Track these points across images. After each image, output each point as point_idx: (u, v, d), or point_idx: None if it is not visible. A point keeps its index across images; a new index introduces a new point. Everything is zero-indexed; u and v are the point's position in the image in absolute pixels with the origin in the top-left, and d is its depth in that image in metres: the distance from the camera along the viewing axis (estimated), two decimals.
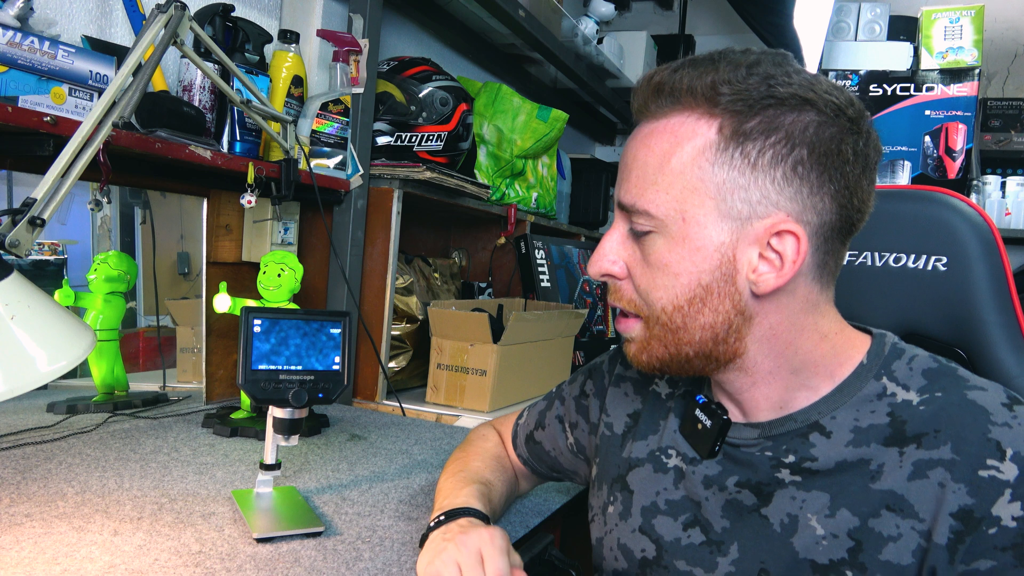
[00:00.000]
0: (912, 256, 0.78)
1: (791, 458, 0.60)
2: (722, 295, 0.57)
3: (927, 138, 2.15)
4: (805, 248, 0.56)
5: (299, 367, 0.78)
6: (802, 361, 0.60)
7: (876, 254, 0.80)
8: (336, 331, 0.80)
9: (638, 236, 0.60)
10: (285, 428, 0.80)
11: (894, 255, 0.79)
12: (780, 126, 0.55)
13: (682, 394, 0.72)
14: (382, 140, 1.45)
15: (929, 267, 0.77)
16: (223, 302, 1.14)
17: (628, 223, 0.61)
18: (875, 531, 0.54)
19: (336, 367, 0.80)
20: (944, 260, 0.76)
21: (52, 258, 1.18)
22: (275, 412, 0.80)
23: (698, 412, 0.67)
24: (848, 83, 2.24)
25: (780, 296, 0.58)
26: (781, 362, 0.60)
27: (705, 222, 0.56)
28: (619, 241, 0.62)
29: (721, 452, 0.64)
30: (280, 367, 0.77)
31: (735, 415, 0.65)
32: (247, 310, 0.76)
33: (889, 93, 2.20)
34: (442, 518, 0.69)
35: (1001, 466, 0.51)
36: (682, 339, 0.60)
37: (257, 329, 0.76)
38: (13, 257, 0.70)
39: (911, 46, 2.20)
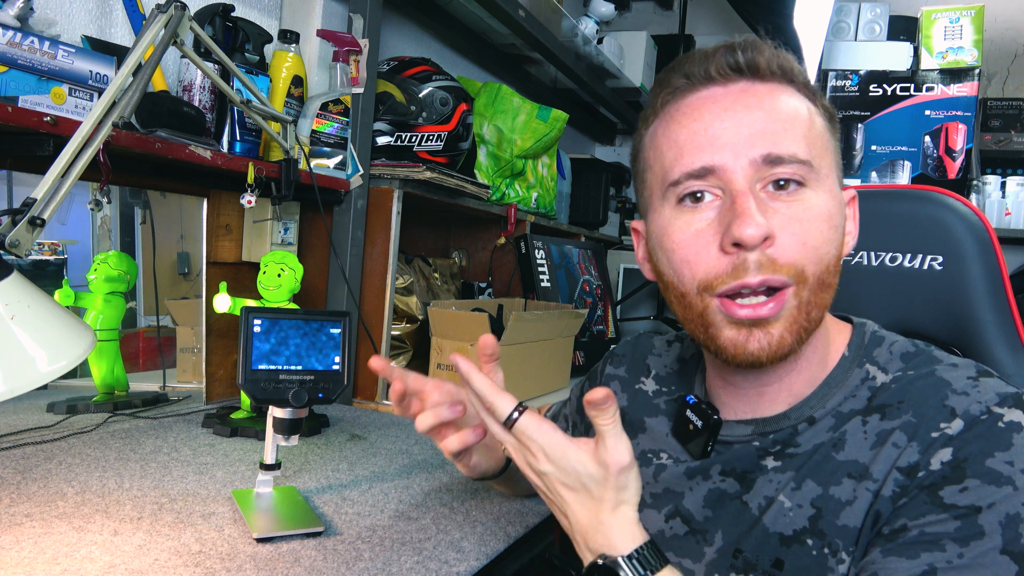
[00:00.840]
0: (908, 255, 0.78)
1: (777, 447, 0.60)
2: (840, 255, 0.58)
3: (927, 138, 2.15)
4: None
5: (299, 367, 0.78)
6: (816, 342, 0.60)
7: (872, 253, 0.80)
8: (336, 331, 0.80)
9: (783, 190, 0.55)
10: (285, 428, 0.80)
11: (890, 254, 0.79)
12: (834, 112, 0.61)
13: (674, 398, 0.72)
14: (382, 140, 1.45)
15: (925, 266, 0.77)
16: (223, 302, 1.15)
17: (762, 180, 0.55)
18: (835, 497, 0.55)
19: (336, 367, 0.80)
20: (940, 259, 0.76)
21: (52, 258, 1.18)
22: (275, 412, 0.80)
23: (688, 413, 0.66)
24: (848, 83, 2.24)
25: None
26: (815, 343, 0.60)
27: (834, 179, 0.58)
28: (757, 202, 0.54)
29: (713, 452, 0.64)
30: (280, 367, 0.77)
31: (728, 413, 0.65)
32: (247, 310, 0.76)
33: (889, 93, 2.20)
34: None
35: (951, 425, 0.52)
36: (826, 301, 0.57)
37: (257, 329, 0.77)
38: (13, 257, 0.70)
39: (911, 46, 2.20)
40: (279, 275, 1.14)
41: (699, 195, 0.56)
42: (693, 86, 0.58)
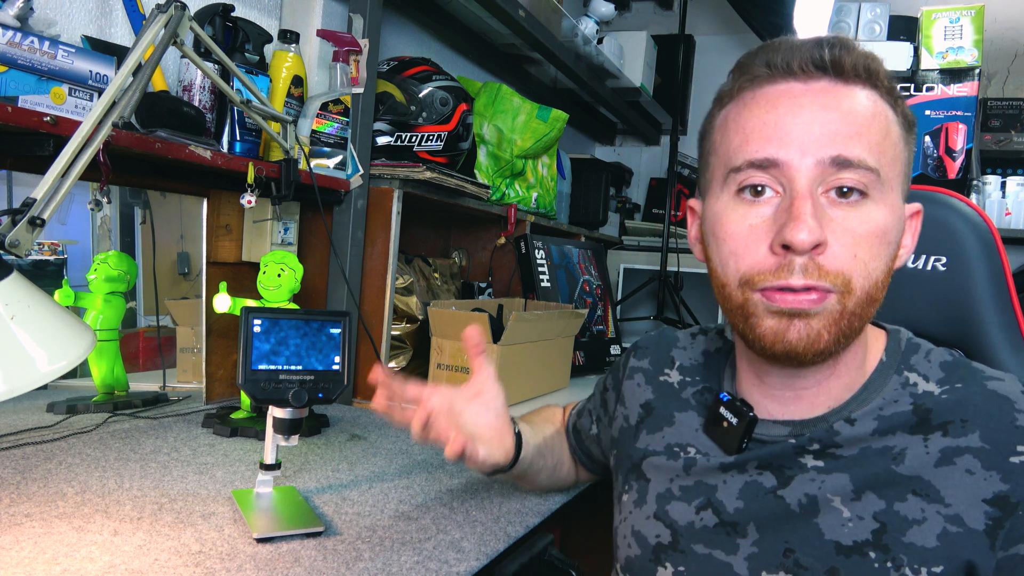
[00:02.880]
0: (912, 256, 0.78)
1: (815, 446, 0.60)
2: (892, 271, 0.58)
3: (927, 138, 2.15)
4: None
5: (299, 367, 0.78)
6: (856, 349, 0.61)
7: None
8: (336, 331, 0.80)
9: (844, 198, 0.54)
10: (285, 428, 0.80)
11: None
12: (914, 121, 0.59)
13: (701, 390, 0.71)
14: (382, 140, 1.45)
15: (929, 267, 0.77)
16: (223, 302, 1.14)
17: (826, 184, 0.54)
18: (900, 514, 0.55)
19: (336, 367, 0.80)
20: (944, 260, 0.76)
21: (52, 258, 1.18)
22: (275, 412, 0.80)
23: (722, 410, 0.66)
24: None
25: None
26: (855, 350, 0.61)
27: (899, 192, 0.57)
28: (815, 207, 0.54)
29: (748, 449, 0.64)
30: (280, 367, 0.77)
31: (761, 413, 0.64)
32: (247, 310, 0.76)
33: None
34: None
35: None
36: (869, 314, 0.57)
37: (257, 329, 0.76)
38: (13, 257, 0.70)
39: (911, 46, 2.19)
40: (279, 275, 1.14)
41: (760, 189, 0.56)
42: (773, 77, 0.57)
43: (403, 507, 0.87)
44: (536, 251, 1.90)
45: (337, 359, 0.80)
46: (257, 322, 0.76)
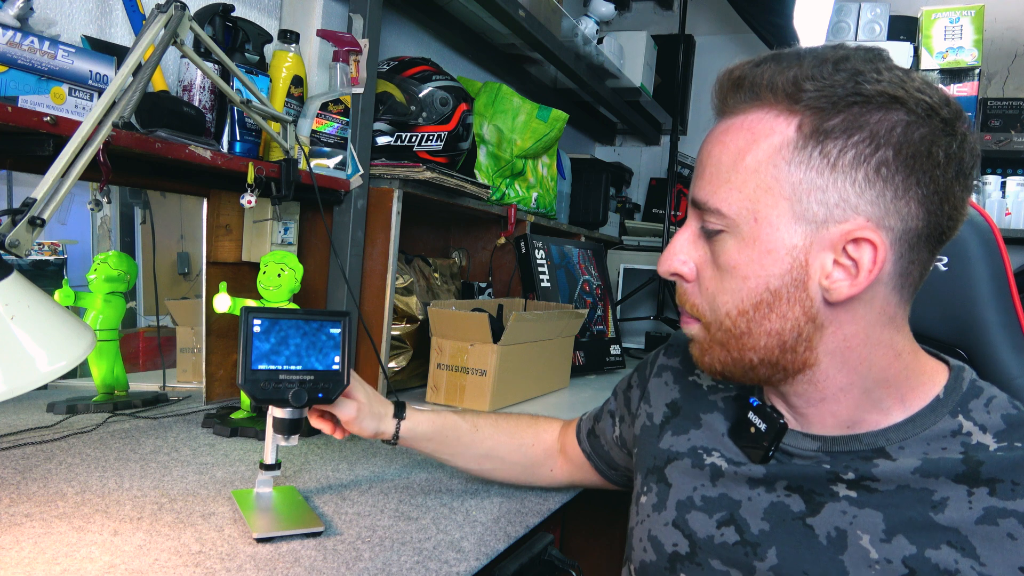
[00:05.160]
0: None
1: (851, 475, 0.58)
2: (791, 301, 0.55)
3: None
4: (883, 257, 0.53)
5: (299, 367, 0.78)
6: (875, 379, 0.58)
7: None
8: (336, 331, 0.80)
9: (709, 236, 0.58)
10: (285, 428, 0.80)
11: None
12: (864, 125, 0.52)
13: (734, 396, 0.70)
14: (382, 140, 1.44)
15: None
16: (223, 302, 1.14)
17: (700, 222, 0.59)
18: (931, 561, 0.53)
19: (336, 367, 0.79)
20: (944, 260, 0.76)
21: (52, 258, 1.18)
22: (275, 412, 0.80)
23: (751, 415, 0.64)
24: None
25: (856, 305, 0.55)
26: (855, 378, 0.58)
27: (778, 223, 0.54)
28: (691, 240, 0.60)
29: (774, 459, 0.62)
30: (280, 367, 0.77)
31: (792, 422, 0.63)
32: (247, 310, 0.76)
33: None
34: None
35: None
36: (745, 344, 0.57)
37: (257, 329, 0.76)
38: (13, 257, 0.70)
39: (911, 46, 2.19)
40: (279, 275, 1.14)
41: None
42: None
43: (403, 507, 0.86)
44: (536, 251, 1.90)
45: (337, 359, 0.80)
46: (257, 322, 0.76)
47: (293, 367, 0.77)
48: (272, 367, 0.77)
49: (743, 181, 0.55)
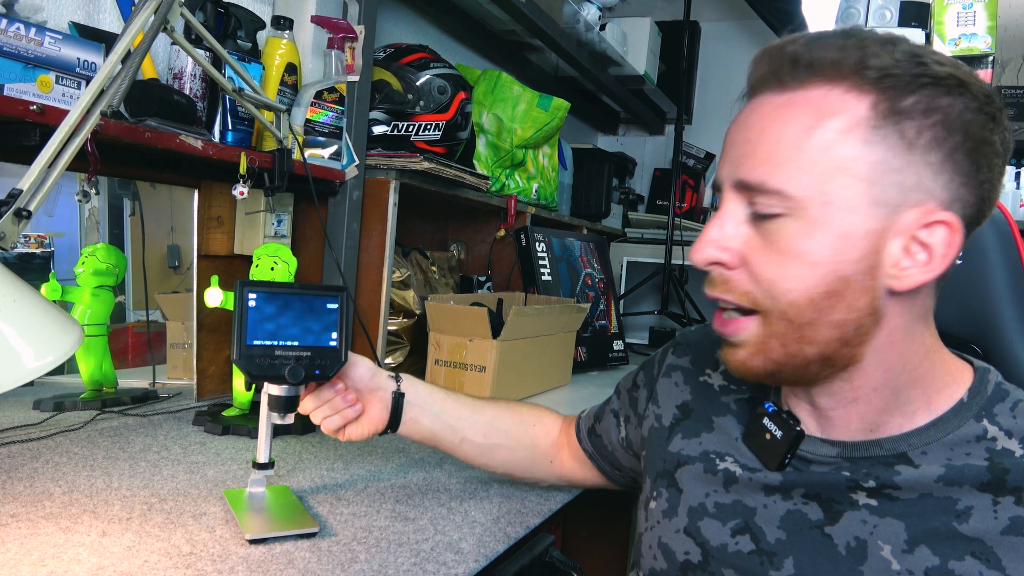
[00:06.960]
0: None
1: (871, 483, 0.56)
2: (861, 289, 0.52)
3: None
4: (959, 241, 0.52)
5: (295, 343, 0.76)
6: (906, 379, 0.56)
7: None
8: (333, 306, 0.78)
9: (761, 219, 0.54)
10: (281, 405, 0.77)
11: None
12: (938, 108, 0.50)
13: (747, 399, 0.68)
14: (378, 129, 1.43)
15: None
16: (214, 296, 1.13)
17: (746, 205, 0.55)
18: (955, 573, 0.52)
19: (333, 343, 0.77)
20: (960, 254, 0.74)
21: (39, 251, 1.17)
22: (270, 389, 0.77)
23: (766, 421, 0.62)
24: None
25: (907, 297, 0.54)
26: (888, 377, 0.56)
27: (853, 206, 0.51)
28: (732, 226, 0.55)
29: (791, 466, 0.60)
30: (276, 343, 0.75)
31: (810, 428, 0.61)
32: (242, 283, 0.74)
33: None
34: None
35: None
36: (806, 336, 0.54)
37: (252, 303, 0.74)
38: None
39: (923, 32, 2.16)
40: (272, 268, 1.12)
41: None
42: (747, 98, 0.58)
43: (400, 507, 0.85)
44: (537, 244, 1.88)
45: (334, 335, 0.77)
46: (252, 296, 0.74)
47: (289, 343, 0.75)
48: (268, 343, 0.74)
49: (812, 160, 0.51)
